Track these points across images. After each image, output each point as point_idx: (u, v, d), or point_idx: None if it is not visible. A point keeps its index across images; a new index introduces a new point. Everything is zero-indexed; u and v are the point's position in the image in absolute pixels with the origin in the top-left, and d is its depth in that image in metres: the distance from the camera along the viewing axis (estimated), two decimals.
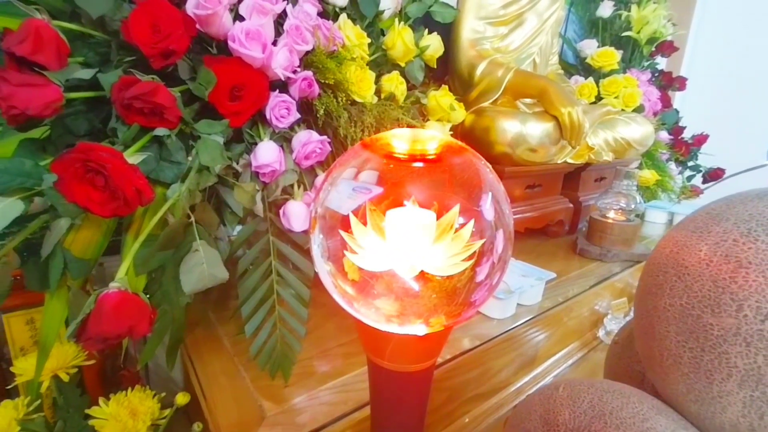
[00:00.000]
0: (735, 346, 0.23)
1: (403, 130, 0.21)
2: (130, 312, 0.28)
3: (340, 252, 0.18)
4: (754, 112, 1.67)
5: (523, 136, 0.67)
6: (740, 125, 1.70)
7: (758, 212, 0.25)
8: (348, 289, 0.19)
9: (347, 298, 0.19)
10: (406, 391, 0.22)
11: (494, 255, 0.19)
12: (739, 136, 1.67)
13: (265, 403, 0.35)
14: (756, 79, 1.70)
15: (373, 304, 0.18)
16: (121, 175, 0.31)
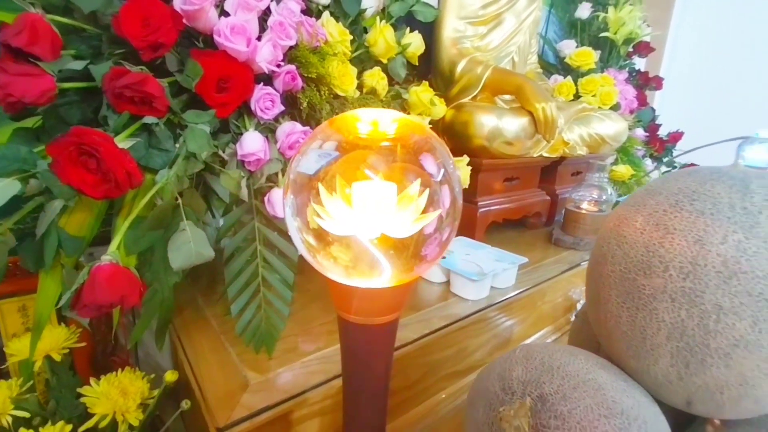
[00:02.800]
0: (663, 302, 0.27)
1: (368, 110, 0.24)
2: (121, 283, 0.30)
3: (305, 206, 0.21)
4: (729, 110, 1.73)
5: (500, 130, 0.70)
6: (716, 123, 1.77)
7: (685, 186, 0.28)
8: (311, 239, 0.21)
9: (311, 251, 0.22)
10: (373, 342, 0.25)
11: (442, 207, 0.21)
12: (715, 133, 1.74)
13: (249, 373, 0.38)
14: (731, 79, 1.76)
15: (331, 252, 0.21)
16: (113, 158, 0.34)
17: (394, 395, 0.48)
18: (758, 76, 1.66)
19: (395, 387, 0.48)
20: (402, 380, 0.49)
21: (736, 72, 1.74)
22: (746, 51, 1.71)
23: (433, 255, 0.23)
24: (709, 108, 1.84)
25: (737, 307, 0.24)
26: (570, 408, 0.27)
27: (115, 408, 0.45)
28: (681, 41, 1.90)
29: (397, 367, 0.48)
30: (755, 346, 0.24)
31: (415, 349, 0.47)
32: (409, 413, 0.50)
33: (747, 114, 1.77)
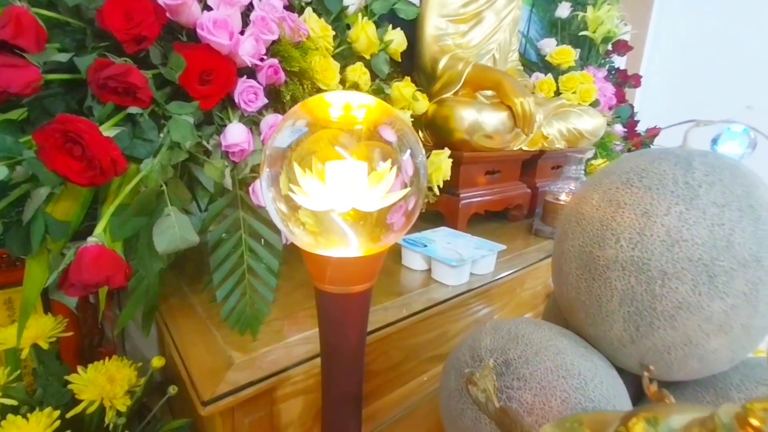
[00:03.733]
0: (615, 271, 0.29)
1: (339, 93, 0.25)
2: (107, 263, 0.32)
3: (279, 176, 0.22)
4: (707, 107, 1.79)
5: (479, 124, 0.72)
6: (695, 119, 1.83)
7: (636, 165, 0.31)
8: (282, 207, 0.23)
9: (284, 218, 0.24)
10: (347, 311, 0.27)
11: (404, 176, 0.23)
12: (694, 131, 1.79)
13: (234, 353, 0.39)
14: (710, 77, 1.82)
15: (299, 218, 0.23)
16: (98, 145, 0.35)
17: (377, 376, 0.50)
18: (735, 73, 1.71)
19: (378, 368, 0.50)
20: (385, 362, 0.50)
21: (714, 69, 1.80)
22: (723, 49, 1.77)
23: (400, 225, 0.25)
24: (688, 105, 1.90)
25: (679, 272, 0.26)
26: (532, 371, 0.29)
27: (103, 394, 0.46)
28: (660, 40, 1.95)
29: (380, 349, 0.50)
30: (696, 307, 0.26)
31: (396, 331, 0.49)
32: (393, 393, 0.52)
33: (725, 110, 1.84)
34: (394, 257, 0.64)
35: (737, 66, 1.72)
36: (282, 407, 0.41)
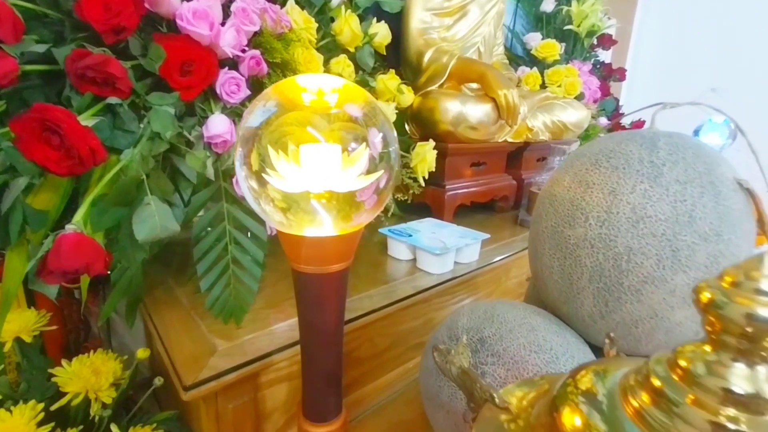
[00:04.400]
0: (584, 249, 0.30)
1: (310, 75, 0.26)
2: (86, 251, 0.32)
3: (250, 154, 0.23)
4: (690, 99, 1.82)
5: (464, 115, 0.73)
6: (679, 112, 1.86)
7: (605, 146, 0.31)
8: (254, 184, 0.24)
9: (255, 195, 0.24)
10: (324, 291, 0.27)
11: (372, 151, 0.24)
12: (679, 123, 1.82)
13: (217, 340, 0.39)
14: (694, 71, 1.84)
15: (269, 194, 0.23)
16: (76, 134, 0.35)
17: (363, 363, 0.51)
18: (720, 66, 1.74)
19: (364, 355, 0.51)
20: (370, 349, 0.51)
21: (699, 62, 1.82)
22: (708, 43, 1.80)
23: (372, 203, 0.25)
24: (674, 97, 1.93)
25: (644, 247, 0.27)
26: (505, 347, 0.29)
27: (87, 387, 0.46)
28: (645, 34, 1.98)
29: (365, 336, 0.50)
30: (660, 281, 0.27)
31: (381, 318, 0.49)
32: (379, 380, 0.52)
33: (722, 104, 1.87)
34: (381, 248, 0.65)
35: (722, 59, 1.75)
36: (266, 393, 0.41)
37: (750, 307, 0.11)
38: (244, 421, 0.40)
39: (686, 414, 0.11)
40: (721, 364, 0.12)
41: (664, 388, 0.12)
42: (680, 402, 0.12)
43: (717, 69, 1.74)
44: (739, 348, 0.11)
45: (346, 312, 0.47)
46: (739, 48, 1.70)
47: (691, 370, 0.12)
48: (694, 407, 0.11)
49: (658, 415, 0.12)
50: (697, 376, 0.12)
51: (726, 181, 0.27)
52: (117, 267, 0.44)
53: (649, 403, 0.12)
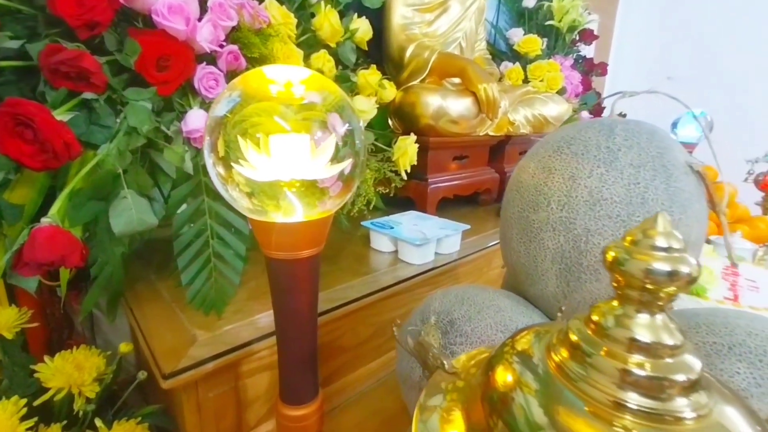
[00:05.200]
0: (547, 232, 0.31)
1: (277, 66, 0.27)
2: (61, 243, 0.32)
3: (217, 141, 0.24)
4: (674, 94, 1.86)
5: (444, 109, 0.74)
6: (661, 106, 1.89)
7: (566, 134, 0.33)
8: (220, 170, 0.24)
9: (222, 181, 0.25)
10: (296, 276, 0.28)
11: (336, 136, 0.25)
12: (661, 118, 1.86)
13: (197, 331, 0.40)
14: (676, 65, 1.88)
15: (234, 178, 0.24)
16: (49, 128, 0.35)
17: (345, 352, 0.52)
18: (702, 61, 1.78)
19: (347, 344, 0.52)
20: (353, 338, 0.52)
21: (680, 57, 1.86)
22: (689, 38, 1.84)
23: (337, 190, 0.26)
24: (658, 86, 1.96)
25: (601, 229, 0.29)
26: (473, 327, 0.31)
27: (70, 382, 0.46)
28: (627, 29, 2.01)
29: (348, 326, 0.51)
30: None
31: (363, 307, 0.50)
32: (362, 369, 0.53)
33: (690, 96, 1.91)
34: (364, 241, 0.66)
35: (704, 54, 1.78)
36: (248, 382, 0.42)
37: (647, 262, 0.12)
38: (226, 409, 0.41)
39: (599, 364, 0.13)
40: (627, 316, 0.13)
41: (580, 342, 0.13)
42: (593, 353, 0.13)
43: (700, 62, 1.77)
44: (641, 300, 0.13)
45: (328, 301, 0.49)
46: (722, 40, 1.74)
47: (602, 324, 0.13)
48: (605, 357, 0.13)
49: (575, 367, 0.13)
50: (607, 329, 0.13)
51: (677, 164, 0.29)
52: (97, 262, 0.44)
53: (568, 357, 0.13)
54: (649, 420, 0.12)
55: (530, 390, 0.13)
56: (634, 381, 0.12)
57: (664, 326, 0.12)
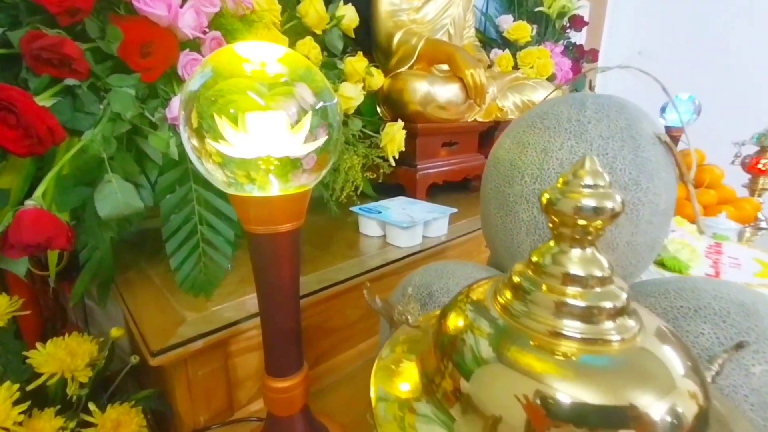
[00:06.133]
0: (521, 205, 0.32)
1: (249, 43, 0.27)
2: (47, 226, 0.33)
3: (191, 114, 0.24)
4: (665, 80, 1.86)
5: (432, 95, 0.75)
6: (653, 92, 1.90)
7: (540, 110, 0.33)
8: (195, 142, 0.25)
9: (197, 153, 0.25)
10: (276, 250, 0.29)
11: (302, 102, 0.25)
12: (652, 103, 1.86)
13: (187, 312, 0.41)
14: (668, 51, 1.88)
15: (207, 149, 0.25)
16: (32, 113, 0.35)
17: (334, 333, 0.53)
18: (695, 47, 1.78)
19: (335, 326, 0.53)
20: (341, 320, 0.53)
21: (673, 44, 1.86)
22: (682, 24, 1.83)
23: (311, 163, 0.27)
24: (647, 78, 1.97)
25: None
26: (450, 299, 0.31)
27: (63, 367, 0.47)
28: (619, 16, 2.01)
29: (336, 307, 0.52)
30: None
31: (351, 289, 0.51)
32: (351, 350, 0.54)
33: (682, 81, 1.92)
34: (354, 227, 0.66)
35: (696, 40, 1.78)
36: (237, 361, 0.43)
37: (577, 199, 0.13)
38: (216, 387, 0.42)
39: (538, 300, 0.13)
40: (562, 253, 0.14)
41: (521, 282, 0.14)
42: (533, 290, 0.14)
43: (693, 48, 1.77)
44: (574, 237, 0.13)
45: (317, 283, 0.49)
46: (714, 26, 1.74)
47: (540, 263, 0.14)
48: (543, 293, 0.13)
49: (517, 305, 0.14)
50: (544, 267, 0.14)
51: (646, 135, 0.30)
52: (86, 247, 0.45)
53: (512, 298, 0.14)
54: (584, 344, 0.12)
55: (478, 330, 0.14)
56: (569, 311, 0.13)
57: (594, 260, 0.13)
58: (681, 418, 0.11)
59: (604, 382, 0.12)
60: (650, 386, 0.12)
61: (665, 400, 0.11)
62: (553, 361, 0.12)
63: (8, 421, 0.42)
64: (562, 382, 0.12)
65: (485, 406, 0.13)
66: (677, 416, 0.11)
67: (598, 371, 0.12)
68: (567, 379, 0.12)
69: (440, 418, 0.14)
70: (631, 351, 0.12)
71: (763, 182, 1.03)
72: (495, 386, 0.13)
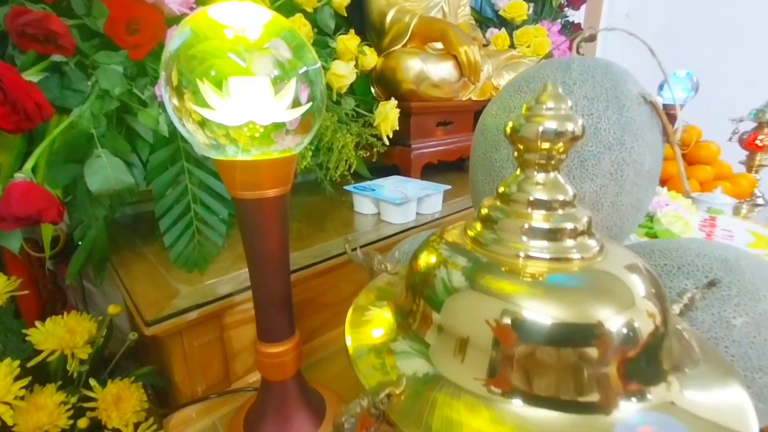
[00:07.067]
0: (507, 169, 0.32)
1: (224, 4, 0.27)
2: (37, 198, 0.33)
3: (171, 73, 0.24)
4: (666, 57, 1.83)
5: (425, 73, 0.74)
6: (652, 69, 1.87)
7: (527, 74, 0.33)
8: (175, 101, 0.25)
9: (179, 113, 0.26)
10: (264, 216, 0.29)
11: (283, 63, 0.25)
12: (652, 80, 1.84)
13: (181, 286, 0.41)
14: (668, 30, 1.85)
15: (186, 106, 0.25)
16: (18, 88, 0.35)
17: (328, 308, 0.53)
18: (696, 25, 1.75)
19: (329, 300, 0.53)
20: (335, 295, 0.54)
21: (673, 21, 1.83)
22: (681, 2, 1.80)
23: (295, 125, 0.27)
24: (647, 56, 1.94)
25: None
26: None
27: (63, 344, 0.48)
28: None
29: (329, 282, 0.53)
30: None
31: (344, 264, 0.52)
32: None
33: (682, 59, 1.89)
34: (348, 206, 0.67)
35: (697, 18, 1.75)
36: (232, 334, 0.44)
37: (540, 122, 0.13)
38: (212, 359, 0.42)
39: (505, 226, 0.14)
40: (527, 180, 0.14)
41: (490, 213, 0.14)
42: (500, 218, 0.14)
43: (694, 26, 1.74)
44: (538, 162, 0.14)
45: (311, 257, 0.50)
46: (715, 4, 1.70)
47: (507, 192, 0.14)
48: (510, 219, 0.14)
49: (486, 234, 0.14)
50: (511, 195, 0.14)
51: (630, 96, 0.29)
52: (80, 225, 0.45)
53: (481, 229, 0.15)
54: (549, 263, 0.13)
55: (449, 263, 0.15)
56: (534, 234, 0.13)
57: (558, 185, 0.13)
58: (637, 333, 0.12)
59: (567, 298, 0.12)
60: (610, 301, 0.12)
61: (623, 315, 0.12)
62: (519, 282, 0.13)
63: (9, 396, 0.43)
64: (529, 301, 0.12)
65: (457, 329, 0.13)
66: (633, 330, 0.12)
67: (562, 289, 0.12)
68: (534, 297, 0.12)
69: (416, 349, 0.14)
70: (595, 271, 0.13)
71: (760, 158, 1.03)
72: (466, 311, 0.13)
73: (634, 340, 0.12)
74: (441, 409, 0.12)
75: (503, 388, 0.12)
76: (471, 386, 0.12)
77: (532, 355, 0.11)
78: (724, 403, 0.12)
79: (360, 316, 0.17)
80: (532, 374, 0.11)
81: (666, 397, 0.12)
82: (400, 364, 0.15)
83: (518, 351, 0.12)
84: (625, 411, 0.11)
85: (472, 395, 0.12)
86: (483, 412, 0.11)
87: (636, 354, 0.11)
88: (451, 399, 0.12)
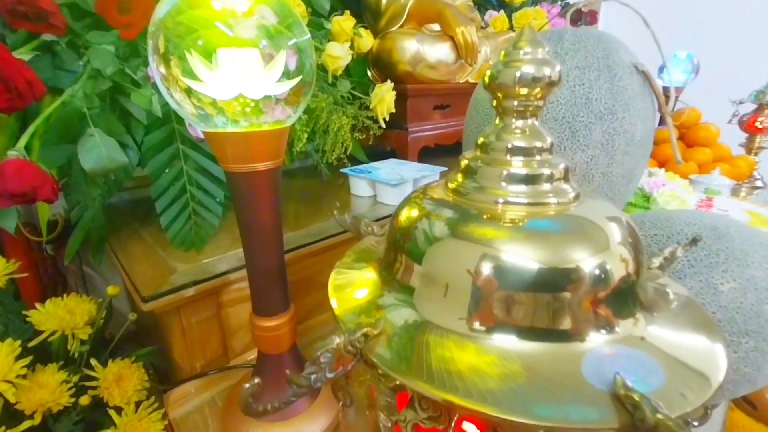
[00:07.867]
0: None
1: None
2: (31, 175, 0.33)
3: (159, 40, 0.24)
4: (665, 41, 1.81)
5: (421, 54, 0.73)
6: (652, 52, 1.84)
7: None
8: (162, 70, 0.25)
9: (167, 82, 0.26)
10: (257, 189, 0.29)
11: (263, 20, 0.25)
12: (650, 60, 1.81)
13: (178, 264, 0.42)
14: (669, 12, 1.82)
15: (173, 74, 0.25)
16: (9, 66, 0.35)
17: (324, 287, 0.53)
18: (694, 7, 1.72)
19: (325, 280, 0.53)
20: None
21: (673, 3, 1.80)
22: None
23: (284, 94, 0.27)
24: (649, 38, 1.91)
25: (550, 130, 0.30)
26: None
27: (63, 325, 0.49)
28: None
29: (326, 262, 0.53)
30: None
31: (340, 244, 0.52)
32: None
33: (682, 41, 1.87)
34: (345, 189, 0.67)
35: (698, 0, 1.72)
36: (230, 311, 0.44)
37: (518, 68, 0.13)
38: (210, 335, 0.43)
39: (484, 174, 0.14)
40: (506, 128, 0.14)
41: (470, 164, 0.15)
42: (480, 167, 0.14)
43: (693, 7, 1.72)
44: (516, 109, 0.14)
45: (307, 237, 0.50)
46: None
47: (487, 141, 0.14)
48: (489, 167, 0.14)
49: (467, 183, 0.14)
50: (490, 144, 0.14)
51: (622, 65, 0.29)
52: (77, 206, 0.46)
53: (462, 179, 0.15)
54: (527, 207, 0.13)
55: (430, 214, 0.15)
56: (513, 179, 0.13)
57: (536, 131, 0.14)
58: (608, 275, 0.12)
59: (544, 241, 0.12)
60: (584, 244, 0.12)
61: (596, 257, 0.12)
62: (497, 227, 0.13)
63: (11, 374, 0.44)
64: (507, 244, 0.12)
65: (440, 276, 0.13)
66: (605, 272, 0.12)
67: (539, 233, 0.13)
68: (512, 241, 0.12)
69: (401, 299, 0.14)
70: (571, 216, 0.13)
71: (759, 140, 1.02)
72: (447, 258, 0.13)
73: (606, 280, 0.12)
74: (435, 350, 0.13)
75: (486, 324, 0.12)
76: (456, 326, 0.13)
77: (510, 295, 0.12)
78: (697, 347, 0.12)
79: (343, 278, 0.17)
80: (510, 311, 0.12)
81: (633, 332, 0.12)
82: (391, 316, 0.15)
83: (498, 291, 0.12)
84: (595, 341, 0.11)
85: (458, 334, 0.13)
86: (469, 346, 0.12)
87: (607, 294, 0.12)
88: (440, 339, 0.13)
